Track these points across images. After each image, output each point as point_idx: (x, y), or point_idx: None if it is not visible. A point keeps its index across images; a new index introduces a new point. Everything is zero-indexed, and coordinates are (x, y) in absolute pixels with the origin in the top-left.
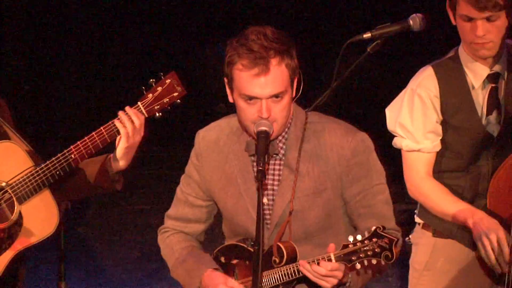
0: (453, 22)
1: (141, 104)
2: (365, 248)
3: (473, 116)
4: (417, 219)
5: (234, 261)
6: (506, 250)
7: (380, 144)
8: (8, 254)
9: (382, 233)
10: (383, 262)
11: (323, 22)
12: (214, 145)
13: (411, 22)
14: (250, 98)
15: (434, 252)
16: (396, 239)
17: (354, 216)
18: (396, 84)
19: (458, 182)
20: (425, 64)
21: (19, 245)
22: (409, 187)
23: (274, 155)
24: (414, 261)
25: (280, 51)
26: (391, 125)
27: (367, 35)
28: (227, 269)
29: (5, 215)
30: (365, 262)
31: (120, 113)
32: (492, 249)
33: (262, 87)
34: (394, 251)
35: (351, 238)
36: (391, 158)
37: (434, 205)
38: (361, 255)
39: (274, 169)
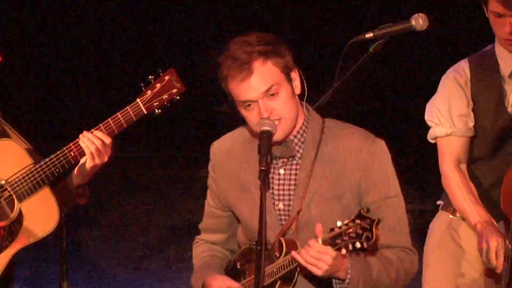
0: (487, 15)
1: (140, 101)
2: (349, 231)
3: (500, 105)
4: (439, 202)
5: (247, 265)
6: (501, 257)
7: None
8: (9, 252)
9: (365, 215)
10: (364, 244)
11: (325, 22)
12: (228, 154)
13: (413, 22)
14: (247, 103)
15: (448, 229)
16: (376, 220)
17: None
18: (398, 84)
19: (480, 173)
20: (427, 64)
21: (19, 243)
22: (442, 174)
23: (291, 159)
24: (428, 242)
25: (263, 52)
26: (428, 114)
27: (369, 35)
28: (240, 273)
29: (5, 213)
30: (350, 246)
31: (80, 136)
32: (489, 254)
33: (251, 88)
34: (374, 231)
35: (339, 223)
36: (393, 159)
37: (456, 202)
38: (345, 238)
39: (290, 174)
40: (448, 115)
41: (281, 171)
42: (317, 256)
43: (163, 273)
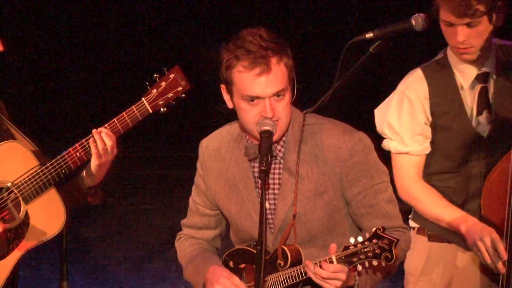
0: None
1: (145, 100)
2: (365, 250)
3: (463, 116)
4: (411, 224)
5: (242, 265)
6: (501, 248)
7: (380, 144)
8: (16, 254)
9: (382, 234)
10: (383, 263)
11: (325, 22)
12: (217, 153)
13: (413, 22)
14: (253, 98)
15: (430, 257)
16: (395, 240)
17: (357, 217)
18: (398, 83)
19: (449, 184)
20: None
21: (26, 244)
22: (399, 190)
23: (273, 158)
24: (409, 266)
25: (278, 50)
26: (379, 126)
27: (369, 35)
28: (236, 273)
29: (12, 215)
30: (366, 264)
31: (94, 132)
32: (488, 251)
33: (264, 86)
34: (394, 252)
35: (352, 240)
36: (391, 158)
37: (426, 209)
38: (361, 257)
39: (274, 173)
40: (403, 133)
41: None
42: (331, 276)
43: (163, 273)
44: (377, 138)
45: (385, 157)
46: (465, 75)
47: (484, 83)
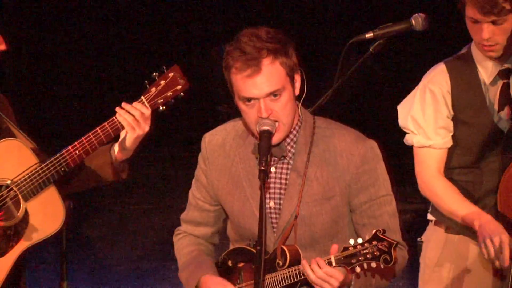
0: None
1: (145, 98)
2: (365, 251)
3: (484, 112)
4: (429, 216)
5: (240, 265)
6: (506, 252)
7: (381, 143)
8: (16, 251)
9: (382, 236)
10: (382, 266)
11: (325, 21)
12: (220, 149)
13: (413, 21)
14: (248, 99)
15: (446, 248)
16: (395, 243)
17: (359, 226)
18: (398, 84)
19: (468, 178)
20: (427, 64)
21: (26, 242)
22: (420, 184)
23: (282, 158)
24: (425, 257)
25: (273, 50)
26: (402, 121)
27: (369, 35)
28: (234, 273)
29: (12, 212)
30: (365, 265)
31: (117, 109)
32: (495, 251)
33: (257, 87)
34: (393, 254)
35: (352, 241)
36: (392, 158)
37: (444, 205)
38: (360, 258)
39: (281, 173)
40: (426, 127)
41: (272, 169)
42: (324, 278)
43: (163, 272)
44: (377, 138)
45: (392, 165)
46: (487, 70)
47: (506, 79)
